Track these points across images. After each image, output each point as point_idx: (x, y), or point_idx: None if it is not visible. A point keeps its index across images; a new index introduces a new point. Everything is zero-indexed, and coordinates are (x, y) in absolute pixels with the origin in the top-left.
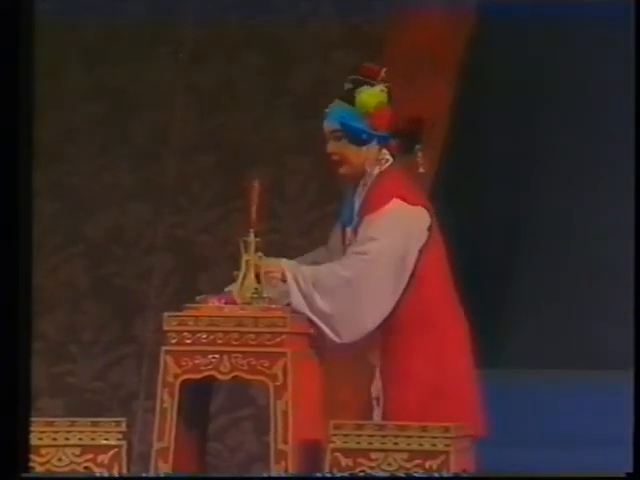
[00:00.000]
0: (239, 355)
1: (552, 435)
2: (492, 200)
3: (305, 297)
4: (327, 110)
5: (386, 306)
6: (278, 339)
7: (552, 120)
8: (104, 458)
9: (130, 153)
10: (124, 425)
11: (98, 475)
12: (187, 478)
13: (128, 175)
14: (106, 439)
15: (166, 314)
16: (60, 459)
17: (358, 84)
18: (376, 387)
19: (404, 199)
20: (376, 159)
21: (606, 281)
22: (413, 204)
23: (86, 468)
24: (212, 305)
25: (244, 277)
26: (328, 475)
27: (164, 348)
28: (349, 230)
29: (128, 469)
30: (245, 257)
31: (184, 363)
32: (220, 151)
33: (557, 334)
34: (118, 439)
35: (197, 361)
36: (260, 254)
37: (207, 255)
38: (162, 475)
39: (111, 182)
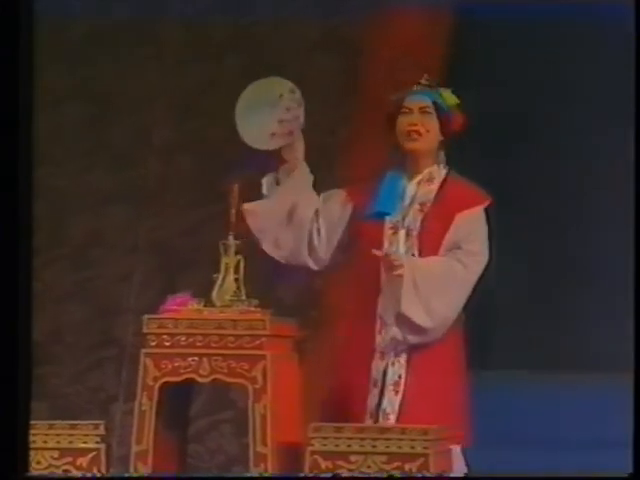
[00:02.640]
0: (219, 358)
1: (542, 437)
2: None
3: (420, 294)
4: (412, 90)
5: None
6: (257, 342)
7: (536, 121)
8: (83, 461)
9: (111, 155)
10: (102, 428)
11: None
12: (187, 478)
13: (109, 177)
14: (84, 442)
15: (146, 316)
16: (39, 462)
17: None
18: (395, 371)
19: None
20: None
21: (600, 282)
22: None
23: (65, 471)
24: (192, 308)
25: (223, 280)
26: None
27: (144, 351)
28: (392, 220)
29: (107, 472)
30: (224, 260)
31: (163, 366)
32: (200, 153)
33: (548, 335)
34: (97, 442)
35: (177, 364)
36: (240, 257)
37: (187, 257)
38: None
39: (92, 184)
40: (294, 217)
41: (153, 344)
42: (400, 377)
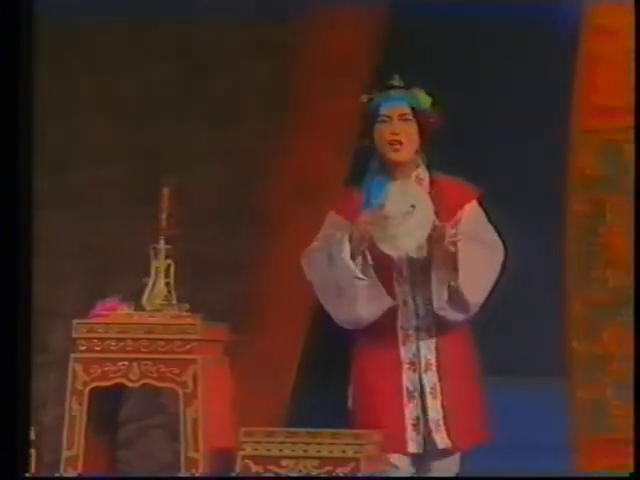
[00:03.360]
0: (149, 362)
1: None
2: None
3: (472, 271)
4: (388, 94)
5: None
6: (188, 346)
7: (469, 124)
8: None
9: (42, 159)
10: (33, 434)
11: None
12: (189, 478)
13: (39, 181)
14: None
15: (75, 321)
16: None
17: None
18: (430, 378)
19: None
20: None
21: (531, 287)
22: None
23: None
24: (122, 312)
25: (154, 284)
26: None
27: (73, 356)
28: None
29: None
30: (155, 264)
31: (93, 371)
32: (132, 157)
33: (484, 341)
34: None
35: (106, 368)
36: (170, 261)
37: (118, 262)
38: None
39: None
40: None
41: (83, 349)
42: (435, 384)
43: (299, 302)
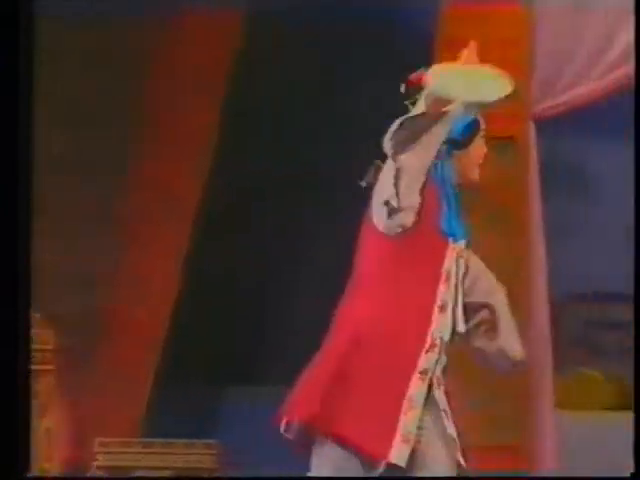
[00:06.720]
0: None
1: None
2: (261, 223)
3: None
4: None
5: None
6: (43, 356)
7: (327, 141)
8: None
9: None
10: None
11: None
12: (192, 478)
13: None
14: None
15: None
16: None
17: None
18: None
19: None
20: None
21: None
22: None
23: None
24: None
25: None
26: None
27: None
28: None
29: None
30: None
31: None
32: None
33: None
34: None
35: None
36: None
37: None
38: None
39: None
40: None
41: None
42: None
43: (157, 311)
